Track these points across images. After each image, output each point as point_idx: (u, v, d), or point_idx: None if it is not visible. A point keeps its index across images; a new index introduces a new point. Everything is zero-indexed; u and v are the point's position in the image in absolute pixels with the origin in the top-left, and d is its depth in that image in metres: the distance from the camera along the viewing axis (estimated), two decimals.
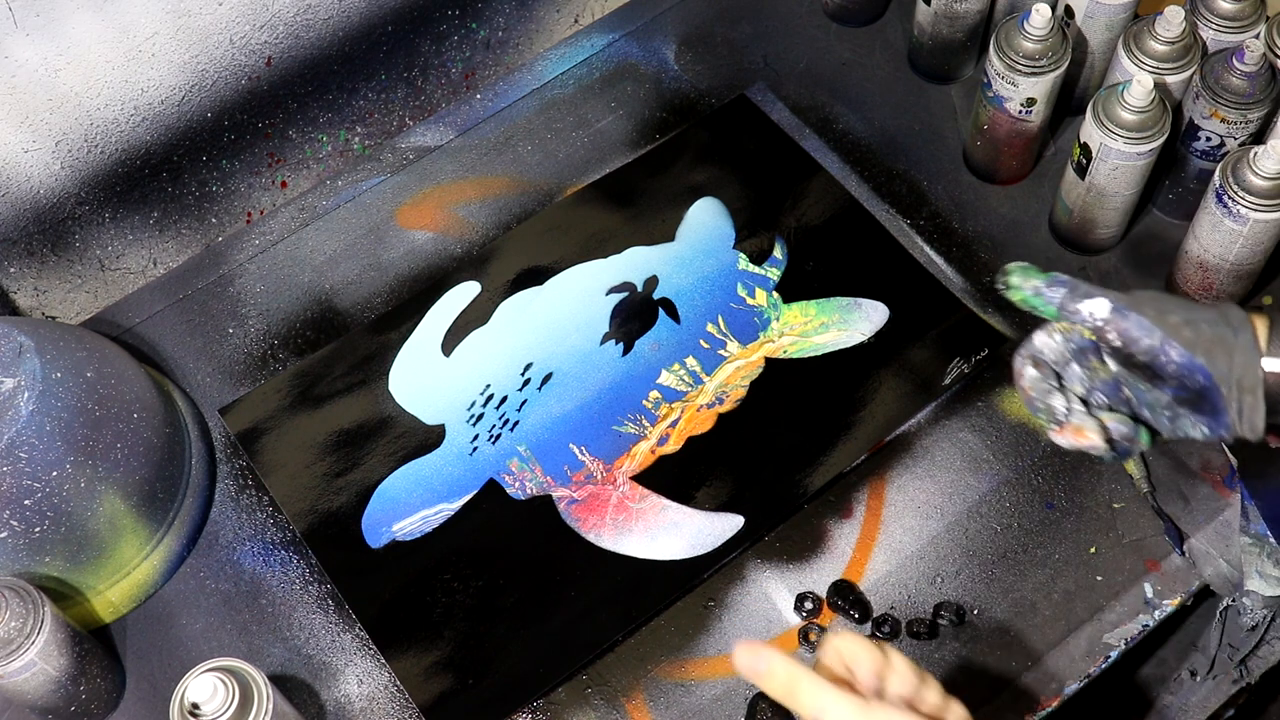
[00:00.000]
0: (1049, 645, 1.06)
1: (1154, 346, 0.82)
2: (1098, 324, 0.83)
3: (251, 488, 1.14)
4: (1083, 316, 0.84)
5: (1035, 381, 0.87)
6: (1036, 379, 0.87)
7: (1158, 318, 0.82)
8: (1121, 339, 0.83)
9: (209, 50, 1.24)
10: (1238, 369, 0.81)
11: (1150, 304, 0.83)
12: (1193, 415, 0.83)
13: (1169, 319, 0.82)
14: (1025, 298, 0.86)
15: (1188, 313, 0.83)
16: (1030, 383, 0.87)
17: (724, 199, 1.27)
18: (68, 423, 1.00)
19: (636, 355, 1.18)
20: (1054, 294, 0.84)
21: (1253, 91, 1.11)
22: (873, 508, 1.12)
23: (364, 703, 1.05)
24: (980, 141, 1.25)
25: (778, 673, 0.73)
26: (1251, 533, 1.09)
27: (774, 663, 0.73)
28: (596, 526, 1.10)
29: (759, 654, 0.74)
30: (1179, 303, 0.84)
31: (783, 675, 0.73)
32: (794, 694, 0.73)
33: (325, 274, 1.25)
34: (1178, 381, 0.82)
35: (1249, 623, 1.13)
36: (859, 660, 0.75)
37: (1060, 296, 0.84)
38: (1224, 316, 0.82)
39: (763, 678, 0.74)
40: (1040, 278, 0.85)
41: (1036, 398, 0.87)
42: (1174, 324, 0.82)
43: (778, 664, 0.73)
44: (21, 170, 1.20)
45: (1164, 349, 0.81)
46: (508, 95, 1.35)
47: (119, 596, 1.07)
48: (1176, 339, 0.81)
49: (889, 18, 1.39)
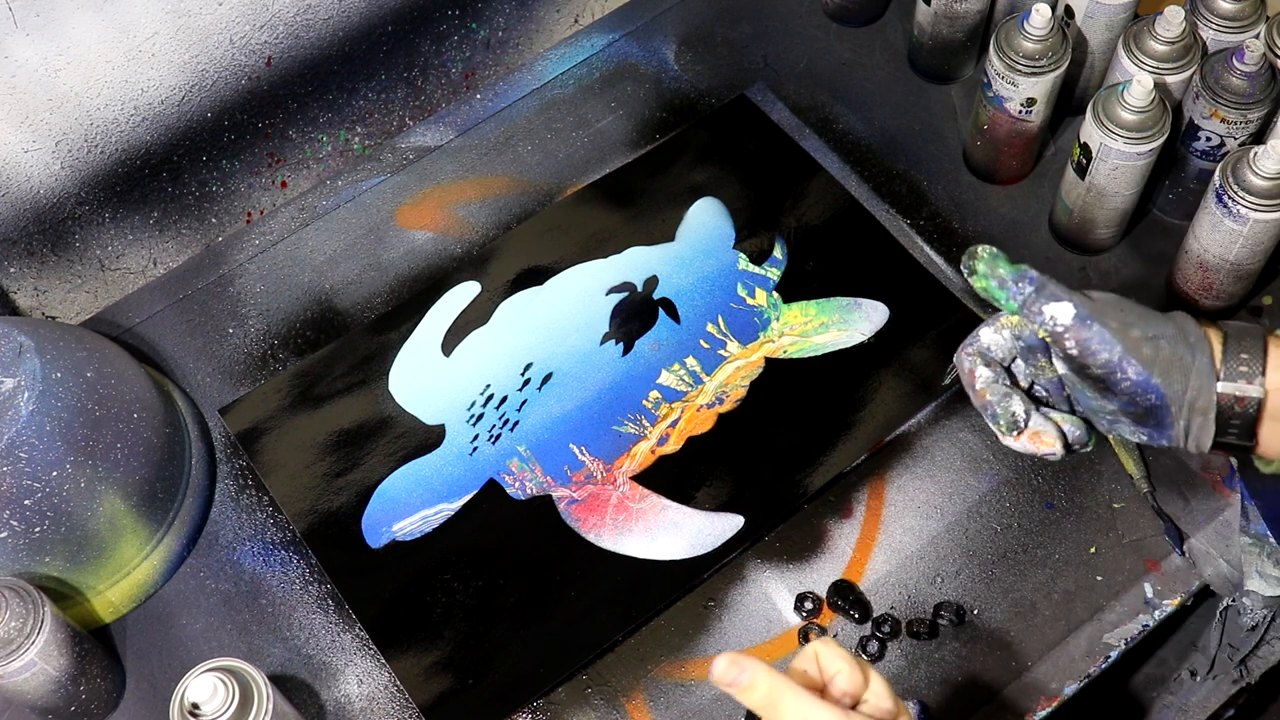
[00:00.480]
0: (1049, 645, 1.06)
1: (1111, 361, 0.79)
2: (1057, 329, 0.80)
3: (251, 488, 1.14)
4: (1044, 319, 0.80)
5: (990, 383, 0.83)
6: (990, 379, 0.83)
7: (1120, 330, 0.79)
8: (1079, 349, 0.79)
9: (209, 50, 1.24)
10: (1192, 391, 0.79)
11: (1113, 313, 0.80)
12: (1135, 425, 0.82)
13: (1130, 333, 0.79)
14: (988, 286, 0.82)
15: (1147, 326, 0.80)
16: (985, 384, 0.83)
17: (724, 199, 1.27)
18: (68, 423, 1.00)
19: (636, 355, 1.18)
20: (1019, 290, 0.81)
21: (1253, 91, 1.11)
22: (873, 508, 1.12)
23: (364, 703, 1.05)
24: (980, 141, 1.25)
25: (759, 685, 0.70)
26: (1251, 533, 1.08)
27: (756, 674, 0.70)
28: (596, 526, 1.10)
29: (740, 664, 0.70)
30: (1139, 312, 0.81)
31: (764, 688, 0.70)
32: (775, 707, 0.70)
33: (325, 274, 1.25)
34: (1128, 397, 0.80)
35: (1249, 623, 1.13)
36: (838, 672, 0.73)
37: (1025, 294, 0.81)
38: (1182, 333, 0.80)
39: (743, 690, 0.70)
40: (1008, 269, 0.82)
41: (994, 401, 0.83)
42: (1134, 339, 0.79)
43: (760, 676, 0.70)
44: (21, 170, 1.20)
45: (1121, 365, 0.79)
46: (508, 95, 1.35)
47: (119, 596, 1.07)
48: (1135, 356, 0.79)
49: (889, 18, 1.39)
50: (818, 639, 0.74)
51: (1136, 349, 0.79)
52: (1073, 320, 0.79)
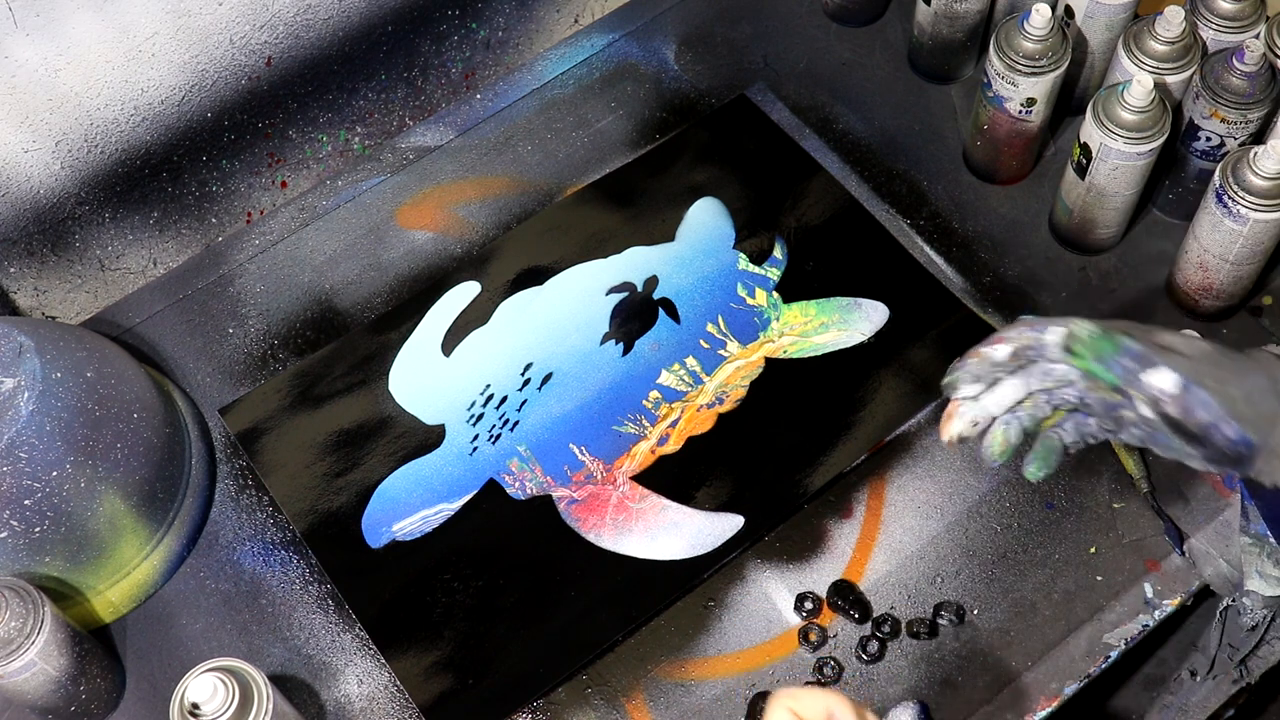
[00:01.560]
0: (1049, 645, 1.06)
1: (1210, 423, 0.80)
2: (1160, 397, 0.80)
3: (251, 488, 1.14)
4: (1146, 388, 0.81)
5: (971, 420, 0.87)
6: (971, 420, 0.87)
7: (1219, 391, 0.80)
8: (1181, 413, 0.80)
9: (209, 50, 1.24)
10: (1278, 440, 0.80)
11: (1208, 370, 0.81)
12: (1214, 465, 0.82)
13: (1229, 391, 0.80)
14: (1090, 368, 0.83)
15: (1242, 381, 0.80)
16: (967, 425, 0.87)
17: (724, 199, 1.27)
18: (68, 423, 1.00)
19: (636, 355, 1.18)
20: (1122, 364, 0.81)
21: (1253, 91, 1.11)
22: (873, 508, 1.12)
23: (364, 703, 1.05)
24: (980, 141, 1.25)
25: None
26: (1251, 533, 1.08)
27: None
28: (596, 526, 1.10)
29: None
30: (1231, 365, 0.82)
31: None
32: None
33: (325, 274, 1.25)
34: (1219, 450, 0.81)
35: (1249, 623, 1.13)
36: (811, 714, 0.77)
37: (1127, 368, 0.81)
38: (1273, 382, 0.81)
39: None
40: (1109, 345, 0.82)
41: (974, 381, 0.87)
42: (1232, 398, 0.80)
43: None
44: (21, 170, 1.20)
45: (1219, 426, 0.80)
46: (508, 95, 1.35)
47: (119, 596, 1.07)
48: (1234, 416, 0.79)
49: (889, 18, 1.39)
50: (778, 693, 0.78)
51: (1234, 408, 0.80)
52: (1177, 388, 0.80)
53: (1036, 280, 1.22)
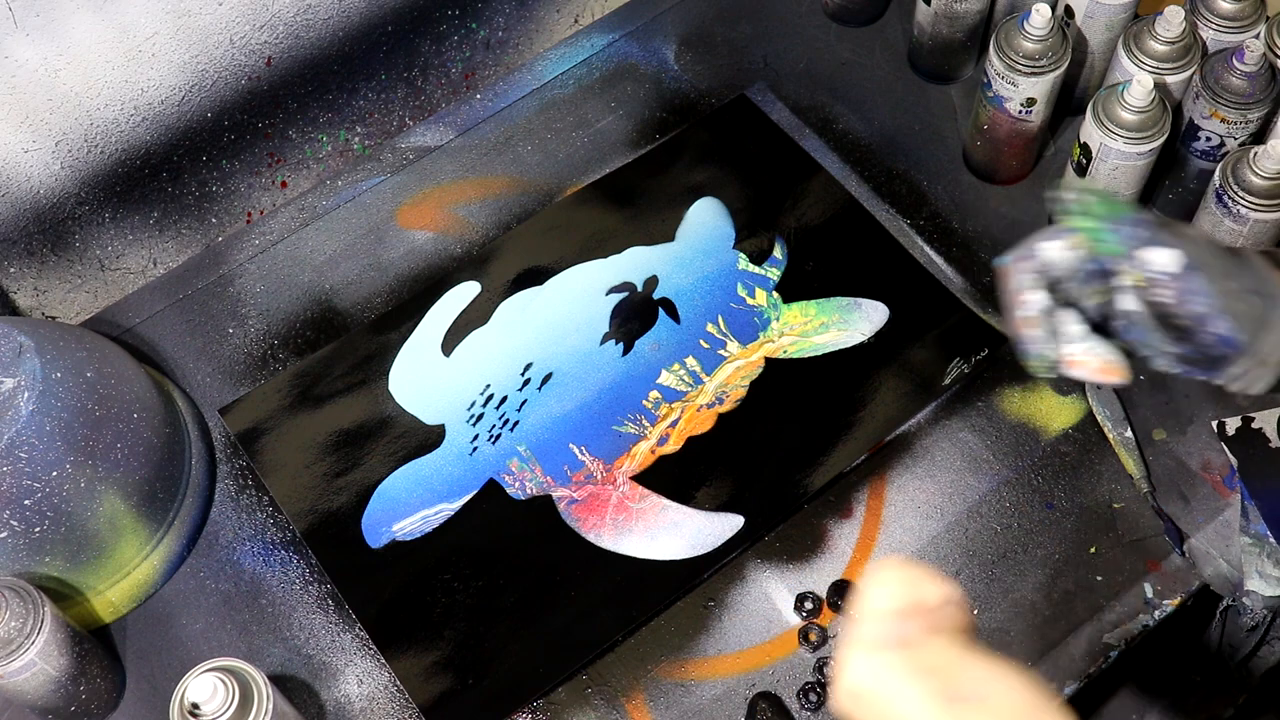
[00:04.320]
0: (1049, 645, 1.06)
1: (1203, 315, 0.76)
2: (1160, 277, 0.76)
3: (251, 488, 1.14)
4: (1147, 264, 0.76)
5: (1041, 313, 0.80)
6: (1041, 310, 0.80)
7: (1218, 283, 0.75)
8: (1176, 298, 0.76)
9: (209, 50, 1.24)
10: (1266, 347, 0.76)
11: (1210, 260, 0.76)
12: (1188, 366, 0.79)
13: (1228, 285, 0.75)
14: (1092, 231, 0.78)
15: (1243, 278, 0.76)
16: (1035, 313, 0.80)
17: (724, 199, 1.27)
18: (68, 423, 1.00)
19: (636, 355, 1.18)
20: (1132, 233, 0.77)
21: (1253, 91, 1.11)
22: (873, 508, 1.12)
23: (364, 703, 1.05)
24: (980, 141, 1.25)
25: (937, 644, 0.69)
26: (1251, 533, 1.09)
27: None
28: (596, 526, 1.10)
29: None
30: (1234, 261, 0.77)
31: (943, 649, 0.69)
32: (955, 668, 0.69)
33: (325, 274, 1.25)
34: (1204, 347, 0.77)
35: (1249, 623, 1.13)
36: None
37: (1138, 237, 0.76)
38: (1263, 284, 0.77)
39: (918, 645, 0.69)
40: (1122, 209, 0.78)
41: (1038, 338, 0.80)
42: (1232, 292, 0.75)
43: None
44: (21, 170, 1.20)
45: (1212, 319, 0.76)
46: (508, 95, 1.35)
47: (119, 596, 1.07)
48: (1230, 312, 0.75)
49: (889, 18, 1.39)
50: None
51: (1232, 304, 0.76)
52: (1180, 268, 0.76)
53: None
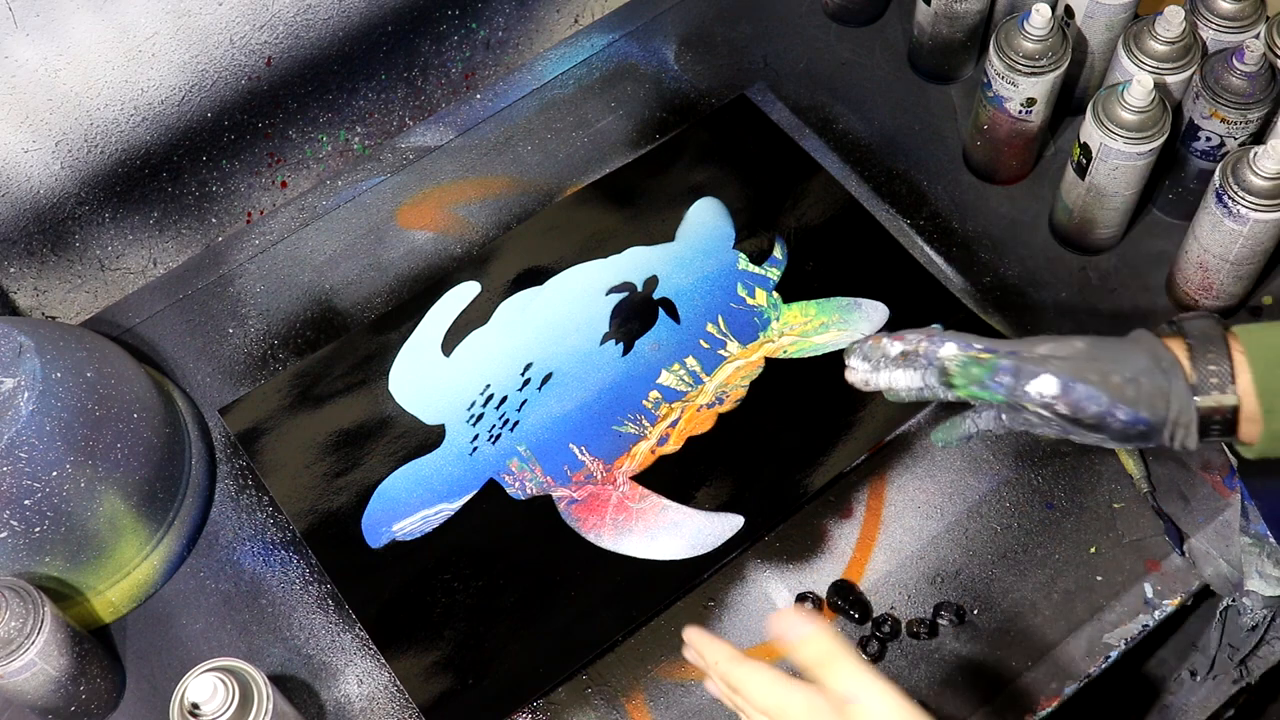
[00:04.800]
0: (1049, 645, 1.06)
1: (1102, 412, 0.85)
2: (1048, 401, 0.86)
3: (251, 488, 1.14)
4: (1032, 397, 0.86)
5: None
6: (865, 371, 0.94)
7: (1102, 382, 0.85)
8: (1071, 410, 0.86)
9: (209, 50, 1.24)
10: (1174, 411, 0.85)
11: (1087, 365, 0.86)
12: (1123, 443, 0.88)
13: (1111, 380, 0.85)
14: (972, 393, 0.89)
15: (1124, 367, 0.85)
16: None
17: (724, 199, 1.27)
18: (68, 423, 1.00)
19: (636, 355, 1.18)
20: (1000, 382, 0.87)
21: (1253, 91, 1.11)
22: (873, 508, 1.12)
23: (364, 703, 1.05)
24: (980, 141, 1.25)
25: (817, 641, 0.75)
26: (1251, 533, 1.09)
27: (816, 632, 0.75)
28: (596, 526, 1.10)
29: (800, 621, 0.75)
30: (1110, 352, 0.86)
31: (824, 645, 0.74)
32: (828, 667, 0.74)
33: (325, 274, 1.25)
34: (1119, 432, 0.86)
35: (1249, 623, 1.13)
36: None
37: (1007, 384, 0.87)
38: (1154, 360, 0.86)
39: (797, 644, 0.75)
40: (980, 369, 0.88)
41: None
42: (1116, 385, 0.85)
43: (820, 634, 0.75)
44: (21, 170, 1.20)
45: (1111, 412, 0.85)
46: (508, 95, 1.35)
47: (119, 596, 1.07)
48: (1122, 400, 0.85)
49: (889, 18, 1.39)
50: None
51: (1121, 394, 0.85)
52: (1059, 390, 0.86)
53: (1036, 280, 1.22)
